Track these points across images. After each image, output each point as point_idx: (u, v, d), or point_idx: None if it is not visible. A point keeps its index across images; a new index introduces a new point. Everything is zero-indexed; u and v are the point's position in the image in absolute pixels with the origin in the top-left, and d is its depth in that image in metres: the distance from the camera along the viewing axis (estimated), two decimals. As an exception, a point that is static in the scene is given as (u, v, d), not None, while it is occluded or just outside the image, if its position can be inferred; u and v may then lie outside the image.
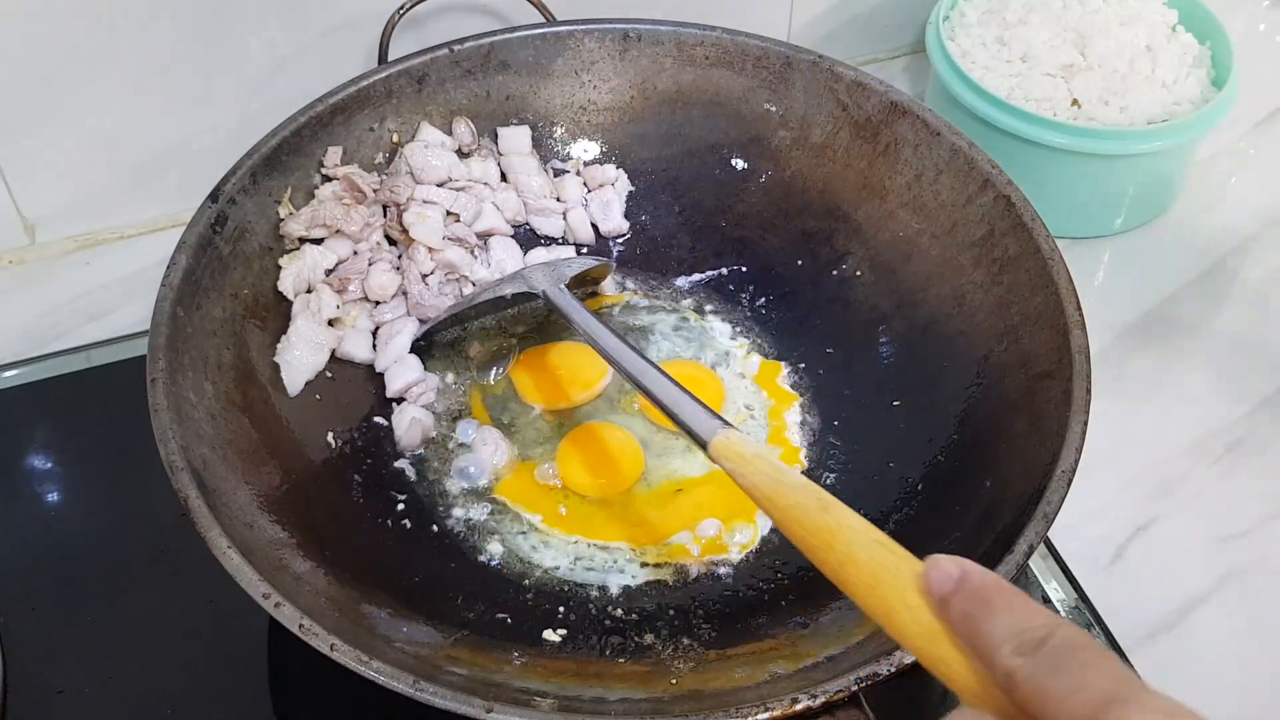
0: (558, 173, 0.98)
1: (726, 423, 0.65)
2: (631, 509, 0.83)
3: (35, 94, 0.95)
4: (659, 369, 0.72)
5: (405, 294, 0.89)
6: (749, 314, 0.94)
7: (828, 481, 0.84)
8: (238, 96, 1.02)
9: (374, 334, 0.88)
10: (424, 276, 0.90)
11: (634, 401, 0.88)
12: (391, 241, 0.92)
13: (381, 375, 0.87)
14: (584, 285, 0.94)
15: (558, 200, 0.97)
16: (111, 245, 1.05)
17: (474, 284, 0.91)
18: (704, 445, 0.65)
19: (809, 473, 0.85)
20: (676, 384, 0.70)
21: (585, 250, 0.97)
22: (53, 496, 0.88)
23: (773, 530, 0.82)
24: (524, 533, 0.81)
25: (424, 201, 0.91)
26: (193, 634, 0.79)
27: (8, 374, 0.94)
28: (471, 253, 0.92)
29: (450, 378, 0.89)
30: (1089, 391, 0.73)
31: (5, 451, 0.89)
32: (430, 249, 0.90)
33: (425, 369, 0.88)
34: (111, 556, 0.83)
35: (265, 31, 0.99)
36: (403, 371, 0.86)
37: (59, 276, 1.03)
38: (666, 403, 0.70)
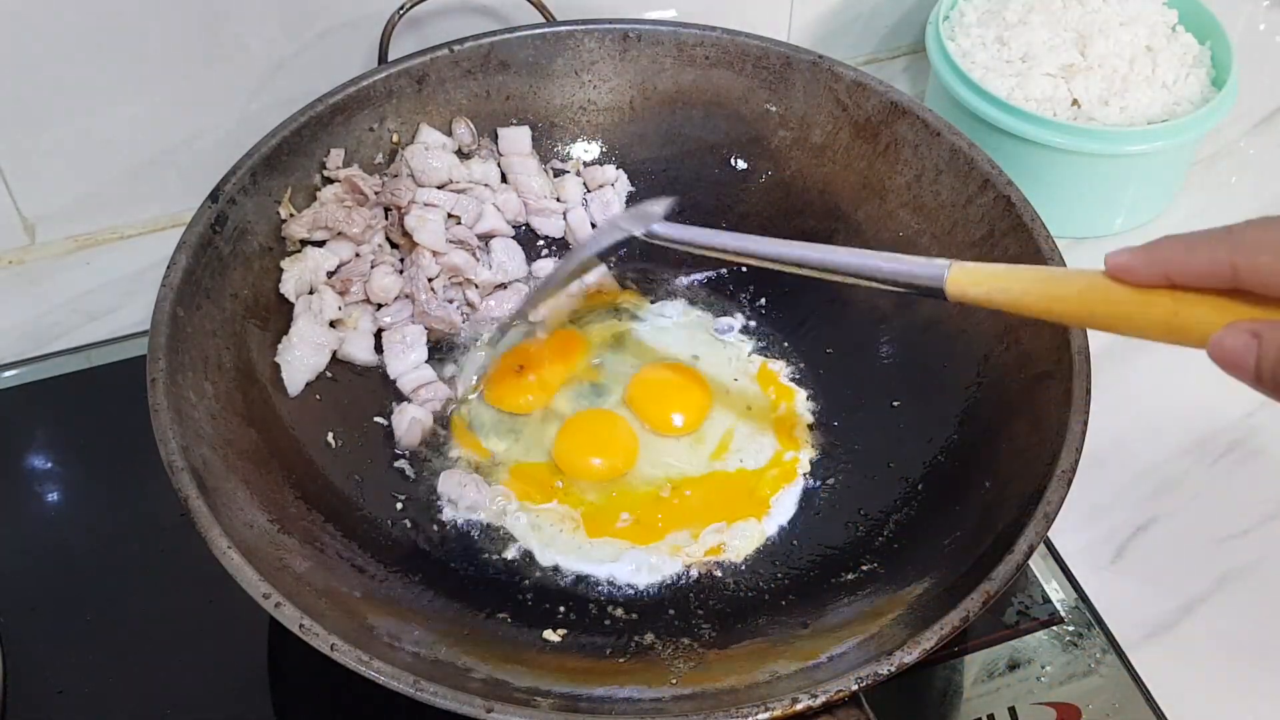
0: (558, 173, 0.98)
1: (939, 262, 0.61)
2: (632, 508, 0.83)
3: (35, 94, 0.95)
4: (817, 247, 0.69)
5: (409, 298, 0.89)
6: (749, 314, 0.94)
7: (828, 482, 0.84)
8: (238, 96, 1.02)
9: (376, 336, 0.88)
10: (429, 280, 0.90)
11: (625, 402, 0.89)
12: (394, 244, 0.92)
13: (382, 376, 0.87)
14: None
15: (558, 201, 0.97)
16: (111, 245, 1.05)
17: (477, 286, 0.91)
18: (939, 291, 0.60)
19: (809, 472, 0.85)
20: (859, 252, 0.66)
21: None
22: (53, 496, 0.88)
23: (775, 531, 0.82)
24: (524, 533, 0.81)
25: (425, 204, 0.91)
26: (193, 634, 0.79)
27: (8, 374, 0.94)
28: (474, 255, 0.92)
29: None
30: (1089, 391, 0.73)
31: (5, 451, 0.89)
32: (434, 253, 0.90)
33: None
34: (111, 556, 0.83)
35: (265, 31, 0.99)
36: (417, 373, 0.87)
37: (59, 276, 1.03)
38: (872, 271, 0.65)
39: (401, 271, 0.90)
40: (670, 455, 0.86)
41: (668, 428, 0.87)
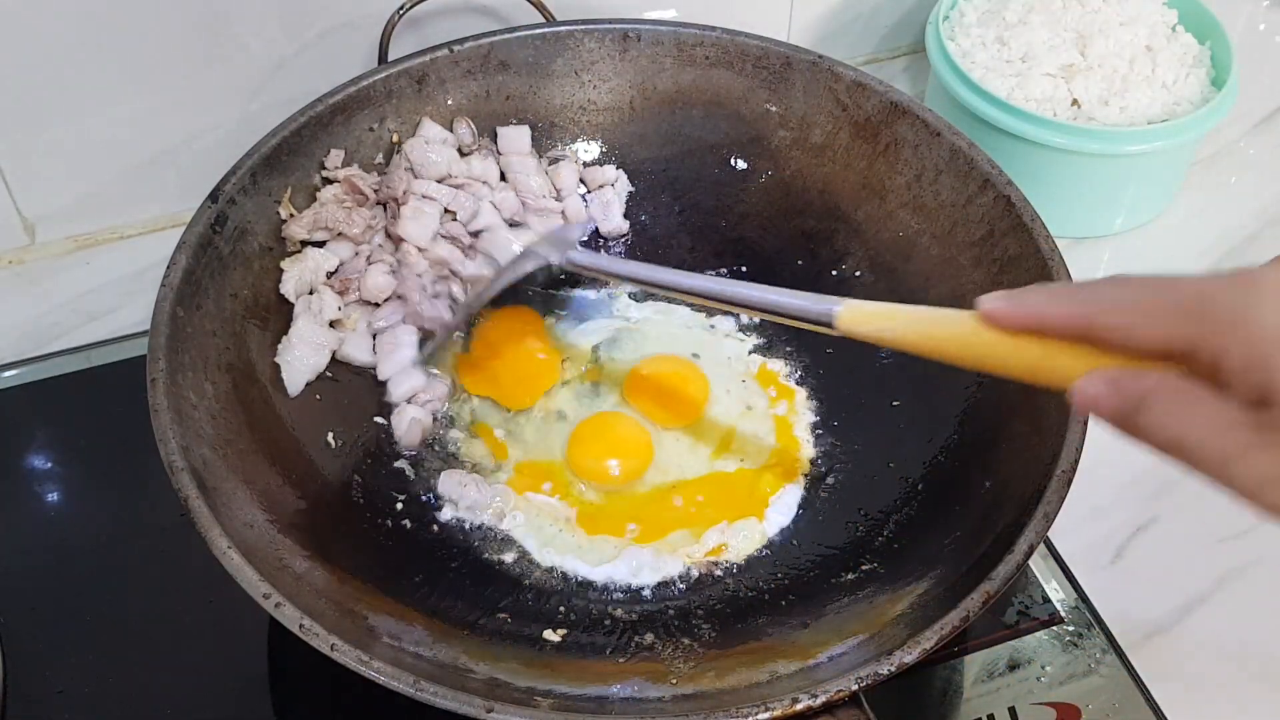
0: (553, 160, 0.98)
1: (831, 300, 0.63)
2: (632, 508, 0.83)
3: (35, 94, 0.95)
4: (720, 280, 0.73)
5: (402, 299, 0.89)
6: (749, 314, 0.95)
7: (829, 482, 0.84)
8: (238, 96, 1.02)
9: (374, 338, 0.88)
10: (419, 276, 0.89)
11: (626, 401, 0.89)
12: (395, 244, 0.92)
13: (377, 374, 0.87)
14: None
15: (556, 199, 0.97)
16: (111, 245, 1.05)
17: (464, 280, 0.91)
18: (829, 325, 0.63)
19: (809, 472, 0.85)
20: (760, 287, 0.69)
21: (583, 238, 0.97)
22: (53, 496, 0.88)
23: (775, 531, 0.82)
24: (524, 533, 0.81)
25: (422, 196, 0.91)
26: (193, 634, 0.79)
27: (8, 374, 0.94)
28: (464, 251, 0.92)
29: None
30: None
31: (5, 451, 0.89)
32: (419, 248, 0.89)
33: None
34: (111, 556, 0.83)
35: (265, 31, 0.99)
36: (406, 379, 0.86)
37: (59, 276, 1.03)
38: (767, 305, 0.68)
39: (394, 271, 0.90)
40: (671, 455, 0.86)
41: (667, 419, 0.87)
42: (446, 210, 0.92)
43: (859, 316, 0.61)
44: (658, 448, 0.86)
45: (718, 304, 0.74)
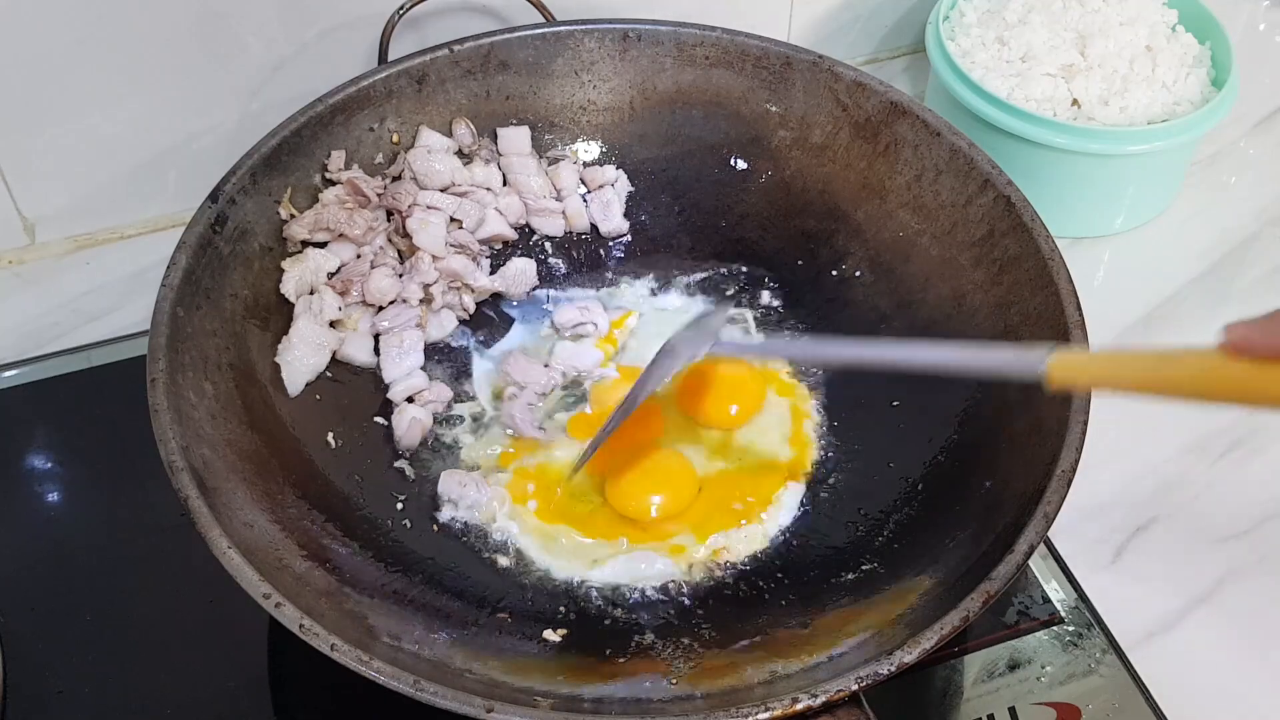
0: (553, 161, 0.98)
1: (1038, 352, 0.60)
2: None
3: (35, 94, 0.95)
4: (904, 344, 0.70)
5: (406, 302, 0.89)
6: (749, 314, 0.94)
7: (829, 481, 0.84)
8: (238, 96, 1.02)
9: (376, 338, 0.88)
10: (427, 287, 0.90)
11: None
12: (398, 251, 0.92)
13: (382, 375, 0.87)
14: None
15: (556, 199, 0.97)
16: (111, 245, 1.05)
17: (474, 290, 0.91)
18: (1041, 379, 0.59)
19: (809, 472, 0.85)
20: (946, 346, 0.66)
21: (582, 237, 0.98)
22: (53, 496, 0.88)
23: (776, 530, 0.82)
24: (524, 533, 0.81)
25: (427, 207, 0.91)
26: (193, 634, 0.79)
27: (8, 374, 0.94)
28: (475, 260, 0.92)
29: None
30: (1089, 391, 0.73)
31: (5, 451, 0.89)
32: (434, 257, 0.90)
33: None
34: (111, 556, 0.83)
35: (265, 31, 0.99)
36: (407, 380, 0.87)
37: (59, 276, 1.03)
38: (962, 365, 0.65)
39: (401, 275, 0.90)
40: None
41: (726, 420, 0.87)
42: (452, 219, 0.92)
43: (1073, 367, 0.58)
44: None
45: (892, 370, 0.71)
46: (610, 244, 0.98)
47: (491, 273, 0.94)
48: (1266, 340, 0.48)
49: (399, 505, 0.81)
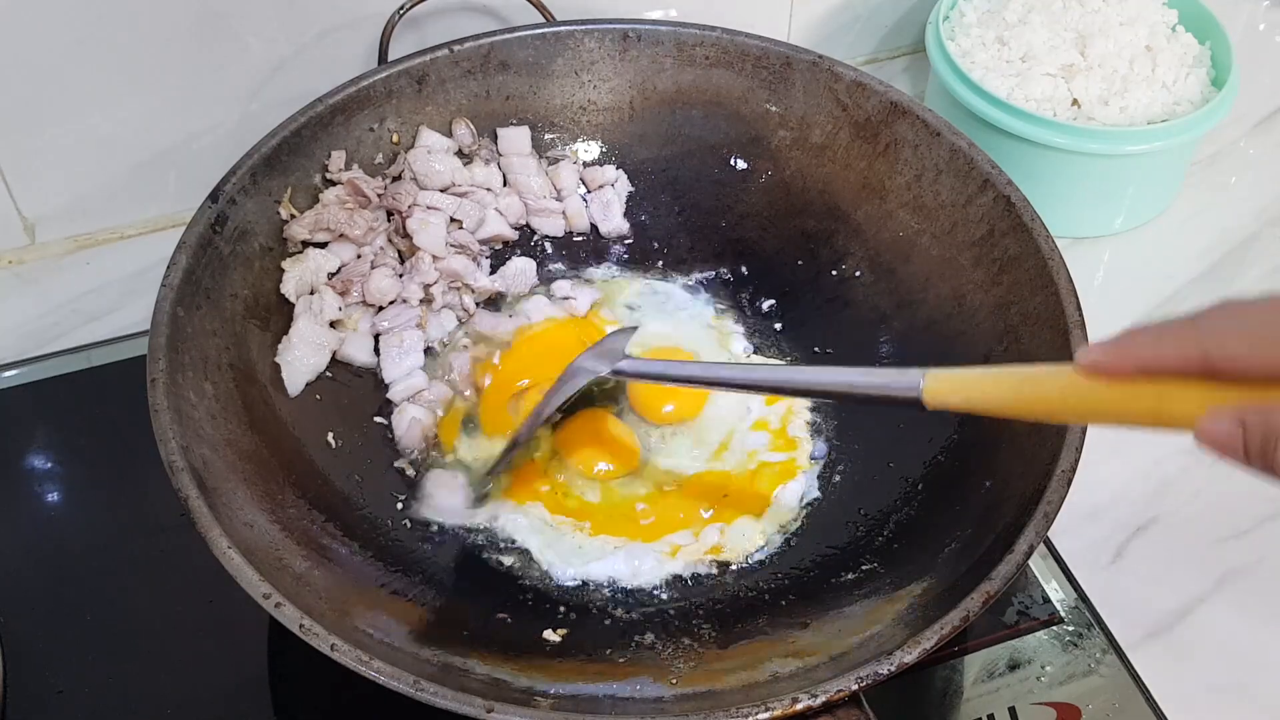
0: (553, 161, 0.98)
1: (914, 372, 0.61)
2: (631, 509, 0.83)
3: (35, 94, 0.95)
4: (786, 369, 0.70)
5: (406, 302, 0.89)
6: (749, 314, 0.94)
7: (829, 481, 0.84)
8: (238, 96, 1.02)
9: (376, 338, 0.88)
10: (427, 287, 0.90)
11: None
12: (398, 251, 0.92)
13: (382, 376, 0.87)
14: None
15: (556, 199, 0.97)
16: (111, 245, 1.05)
17: (474, 291, 0.92)
18: (918, 404, 0.60)
19: (809, 472, 0.85)
20: (830, 369, 0.67)
21: (582, 237, 0.98)
22: (53, 496, 0.88)
23: (775, 530, 0.82)
24: (524, 533, 0.81)
25: (427, 208, 0.91)
26: (193, 634, 0.79)
27: (8, 374, 0.94)
28: (475, 261, 0.92)
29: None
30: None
31: (5, 451, 0.89)
32: (434, 257, 0.90)
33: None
34: (111, 556, 0.83)
35: (265, 31, 0.99)
36: (407, 380, 0.87)
37: (59, 276, 1.03)
38: (845, 390, 0.66)
39: (401, 275, 0.90)
40: (671, 455, 0.86)
41: (659, 416, 0.87)
42: (452, 220, 0.92)
43: (945, 386, 0.59)
44: (658, 448, 0.86)
45: (785, 394, 0.72)
46: (610, 244, 0.98)
47: (491, 273, 0.94)
48: (1118, 363, 0.49)
49: (399, 505, 0.81)
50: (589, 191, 0.98)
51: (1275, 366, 0.44)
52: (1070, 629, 0.81)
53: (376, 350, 0.88)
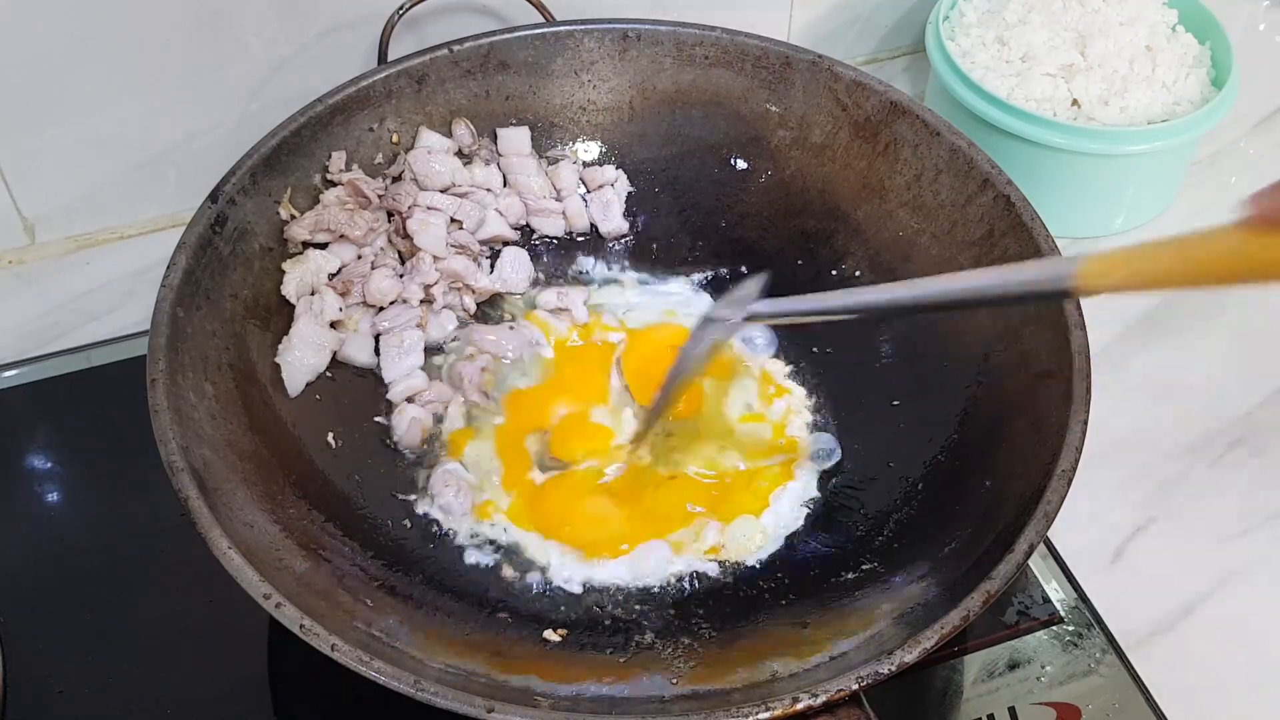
0: (553, 161, 0.98)
1: (1067, 259, 0.57)
2: (631, 509, 0.83)
3: (35, 94, 0.95)
4: (918, 283, 0.67)
5: (406, 302, 0.89)
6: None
7: (828, 481, 0.84)
8: (238, 96, 1.02)
9: (376, 338, 0.88)
10: (428, 287, 0.90)
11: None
12: (398, 252, 0.92)
13: (382, 375, 0.87)
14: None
15: (556, 200, 0.97)
16: (111, 245, 1.05)
17: (475, 291, 0.91)
18: (1070, 292, 0.57)
19: (805, 469, 0.85)
20: (965, 275, 0.63)
21: (582, 237, 0.98)
22: (53, 496, 0.88)
23: (775, 530, 0.82)
24: (524, 533, 0.81)
25: (427, 208, 0.91)
26: (193, 634, 0.79)
27: (8, 374, 0.94)
28: (475, 261, 0.92)
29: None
30: (1089, 391, 0.73)
31: (5, 451, 0.89)
32: (435, 257, 0.90)
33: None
34: (111, 556, 0.83)
35: (265, 31, 0.99)
36: (407, 380, 0.87)
37: (59, 276, 1.03)
38: (989, 291, 0.62)
39: (401, 276, 0.90)
40: (671, 454, 0.86)
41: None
42: (453, 220, 0.92)
43: (1103, 268, 0.55)
44: (658, 448, 0.86)
45: (925, 310, 0.69)
46: (610, 244, 0.98)
47: (491, 273, 0.94)
48: None
49: (399, 505, 0.81)
50: (589, 191, 0.98)
51: None
52: (1070, 629, 0.81)
53: (377, 351, 0.88)
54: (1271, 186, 0.46)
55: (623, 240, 0.98)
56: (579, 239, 0.98)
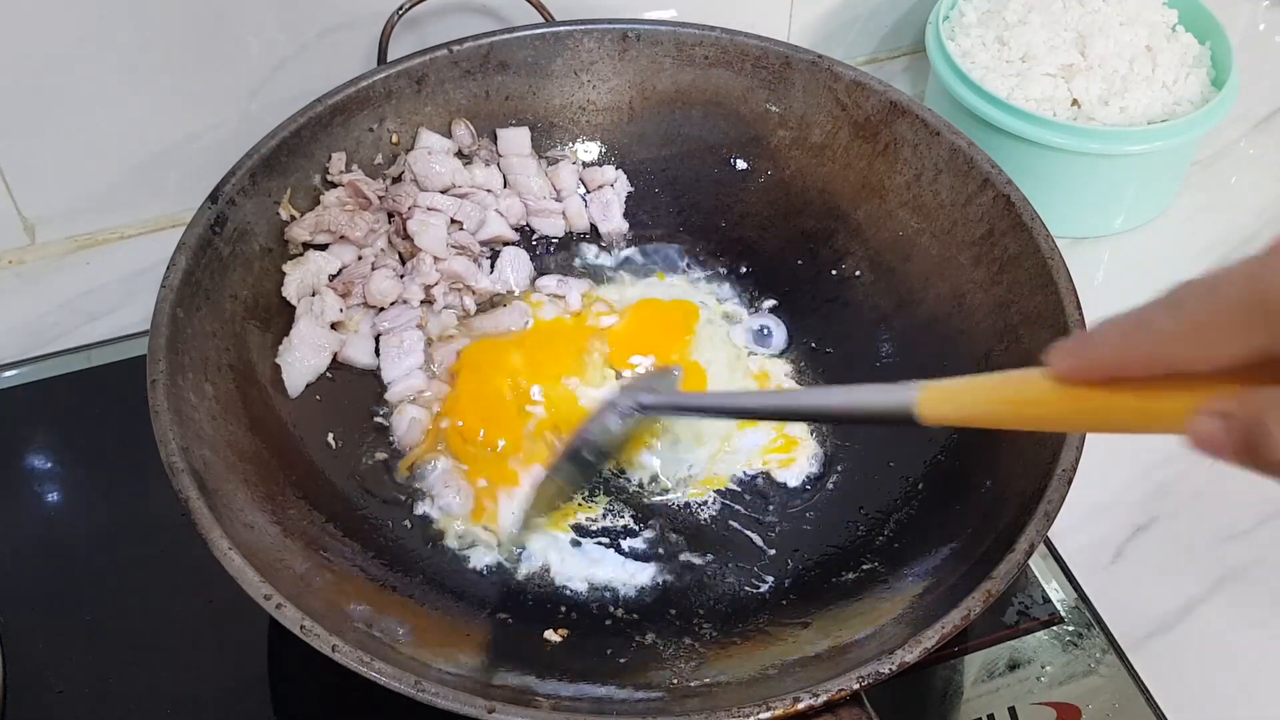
0: (553, 161, 0.98)
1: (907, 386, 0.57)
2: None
3: (35, 94, 0.95)
4: (779, 394, 0.73)
5: (407, 303, 0.89)
6: (750, 313, 0.94)
7: (829, 481, 0.84)
8: (238, 96, 1.02)
9: (377, 339, 0.88)
10: (428, 288, 0.90)
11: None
12: (399, 253, 0.92)
13: (381, 376, 0.87)
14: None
15: (556, 200, 0.97)
16: (111, 245, 1.05)
17: (475, 292, 0.91)
18: (912, 420, 0.56)
19: (809, 471, 0.85)
20: (822, 389, 0.66)
21: (583, 237, 0.98)
22: (53, 496, 0.88)
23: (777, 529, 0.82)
24: (524, 534, 0.81)
25: (428, 209, 0.91)
26: (193, 634, 0.79)
27: (8, 374, 0.94)
28: (476, 262, 0.92)
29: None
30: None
31: (5, 451, 0.89)
32: (435, 258, 0.90)
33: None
34: (111, 556, 0.83)
35: (265, 31, 0.99)
36: (407, 380, 0.86)
37: (59, 276, 1.03)
38: (842, 410, 0.65)
39: (402, 276, 0.90)
40: (672, 454, 0.86)
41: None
42: (453, 221, 0.92)
43: (938, 398, 0.55)
44: (660, 446, 0.86)
45: (784, 419, 0.77)
46: (610, 244, 0.98)
47: (491, 273, 0.94)
48: (1085, 368, 0.45)
49: (399, 505, 0.81)
50: (588, 192, 0.98)
51: (1237, 356, 0.40)
52: (1070, 629, 0.81)
53: (377, 351, 0.88)
54: (1071, 342, 0.45)
55: (623, 239, 0.98)
56: (579, 239, 0.98)
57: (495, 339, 0.90)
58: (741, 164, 0.98)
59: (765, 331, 0.93)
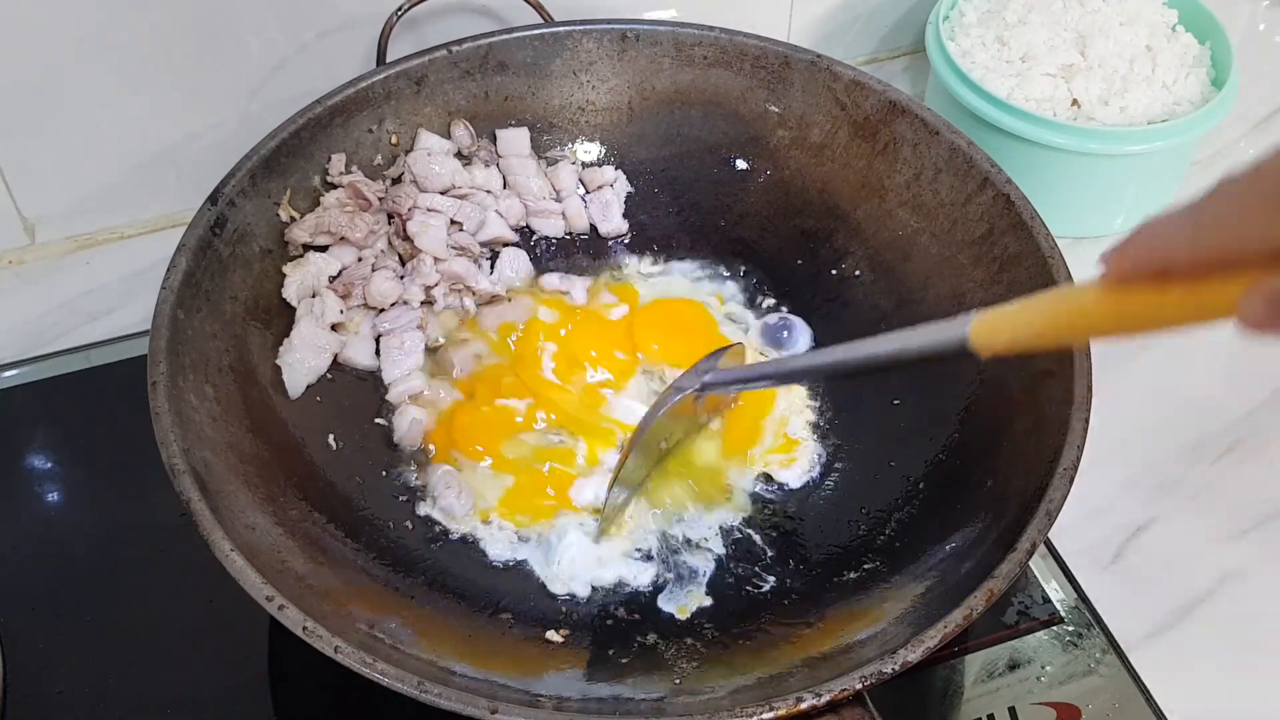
0: (551, 162, 0.98)
1: (960, 319, 0.59)
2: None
3: (35, 94, 0.95)
4: (837, 349, 0.71)
5: (407, 304, 0.89)
6: (750, 313, 0.94)
7: (830, 480, 0.84)
8: (238, 96, 1.02)
9: (377, 340, 0.88)
10: (429, 289, 0.90)
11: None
12: (399, 254, 0.92)
13: (382, 377, 0.87)
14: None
15: (556, 200, 0.97)
16: (111, 245, 1.05)
17: (475, 293, 0.91)
18: (967, 351, 0.58)
19: (810, 471, 0.85)
20: (875, 338, 0.66)
21: (582, 238, 0.98)
22: (53, 496, 0.88)
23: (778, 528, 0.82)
24: (525, 533, 0.81)
25: (428, 210, 0.91)
26: (193, 634, 0.79)
27: (8, 374, 0.94)
28: (476, 263, 0.92)
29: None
30: (1090, 389, 0.73)
31: (5, 451, 0.89)
32: (436, 259, 0.90)
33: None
34: (111, 556, 0.83)
35: (265, 31, 0.99)
36: (407, 381, 0.87)
37: (59, 276, 1.03)
38: (898, 355, 0.65)
39: (402, 277, 0.90)
40: (672, 453, 0.86)
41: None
42: (453, 222, 0.92)
43: (990, 328, 0.57)
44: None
45: (842, 376, 0.80)
46: (610, 245, 0.98)
47: (491, 274, 0.94)
48: (1132, 266, 0.47)
49: (400, 506, 0.81)
50: (588, 192, 0.98)
51: (1273, 238, 0.41)
52: (1070, 629, 0.81)
53: (378, 353, 0.88)
54: (1121, 243, 0.47)
55: (622, 240, 0.98)
56: (579, 240, 0.98)
57: (527, 357, 0.90)
58: (741, 164, 0.98)
59: (784, 332, 0.93)
